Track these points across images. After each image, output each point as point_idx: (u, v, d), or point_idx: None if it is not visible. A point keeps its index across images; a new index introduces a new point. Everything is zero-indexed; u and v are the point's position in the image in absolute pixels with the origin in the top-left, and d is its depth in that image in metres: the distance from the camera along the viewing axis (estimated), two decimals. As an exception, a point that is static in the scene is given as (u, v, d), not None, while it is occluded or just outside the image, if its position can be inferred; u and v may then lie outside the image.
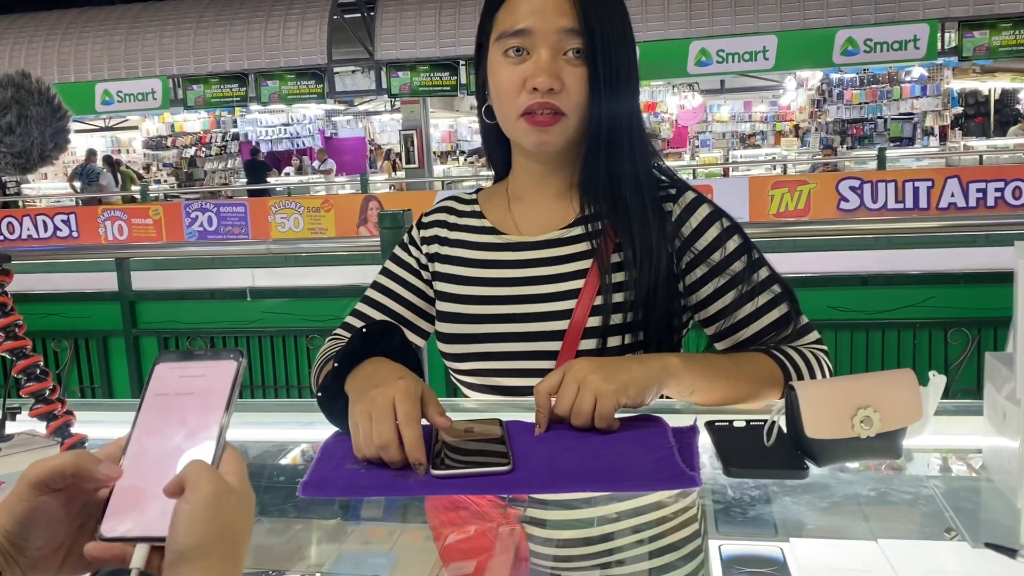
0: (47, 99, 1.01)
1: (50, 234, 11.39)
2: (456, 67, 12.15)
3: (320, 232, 10.75)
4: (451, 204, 1.35)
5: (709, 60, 11.21)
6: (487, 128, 1.27)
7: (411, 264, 1.32)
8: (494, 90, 1.20)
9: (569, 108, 1.15)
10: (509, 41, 1.15)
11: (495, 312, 1.22)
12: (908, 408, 0.90)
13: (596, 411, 0.99)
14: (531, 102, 1.14)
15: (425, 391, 0.98)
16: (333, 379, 1.08)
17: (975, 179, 9.26)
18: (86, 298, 4.04)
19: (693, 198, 1.22)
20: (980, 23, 10.63)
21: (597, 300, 1.16)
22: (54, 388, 1.11)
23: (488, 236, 1.27)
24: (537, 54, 1.14)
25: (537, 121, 1.15)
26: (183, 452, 0.62)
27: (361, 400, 0.97)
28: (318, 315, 3.70)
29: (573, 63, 1.14)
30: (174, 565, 0.55)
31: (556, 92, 1.13)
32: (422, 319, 1.32)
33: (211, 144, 18.13)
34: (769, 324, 1.19)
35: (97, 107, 13.08)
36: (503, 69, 1.16)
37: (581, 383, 1.00)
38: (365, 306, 1.32)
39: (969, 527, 0.84)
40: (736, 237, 1.20)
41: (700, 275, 1.20)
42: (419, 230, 1.34)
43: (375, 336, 1.14)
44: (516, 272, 1.22)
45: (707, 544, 0.82)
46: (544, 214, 1.25)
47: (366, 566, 0.88)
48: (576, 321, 1.16)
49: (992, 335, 3.15)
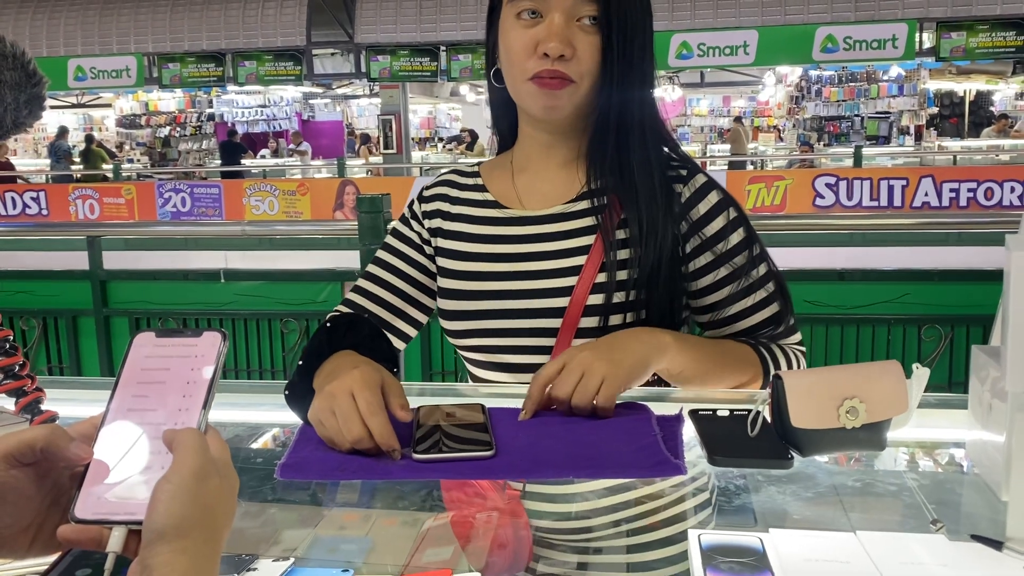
0: (22, 64, 0.98)
1: (19, 211, 11.19)
2: (437, 52, 12.09)
3: (295, 215, 10.66)
4: (453, 178, 1.32)
5: (690, 53, 11.25)
6: (495, 92, 1.25)
7: (412, 239, 1.30)
8: (504, 53, 1.17)
9: (579, 75, 1.12)
10: (523, 3, 1.12)
11: (496, 288, 1.20)
12: (894, 399, 0.90)
13: (600, 394, 0.99)
14: (541, 68, 1.12)
15: (387, 379, 0.97)
16: (300, 376, 1.06)
17: (949, 179, 9.36)
18: (56, 276, 3.98)
19: (704, 182, 1.20)
20: (958, 24, 10.75)
21: (599, 277, 1.15)
22: (24, 364, 1.08)
23: (490, 210, 1.25)
24: (550, 18, 1.11)
25: (545, 84, 1.12)
26: (161, 430, 0.60)
27: (319, 396, 0.96)
28: (292, 298, 3.67)
29: (586, 30, 1.12)
30: (151, 544, 0.53)
31: (567, 59, 1.11)
32: (424, 294, 1.29)
33: (186, 124, 17.90)
34: (761, 321, 1.19)
35: (69, 83, 12.88)
36: (515, 32, 1.14)
37: (586, 369, 0.99)
38: (367, 282, 1.29)
39: (951, 520, 0.84)
40: (742, 230, 1.19)
41: (703, 263, 1.18)
42: (420, 204, 1.31)
43: (342, 329, 1.13)
44: (518, 248, 1.21)
45: (687, 533, 0.81)
46: (549, 185, 1.23)
47: (341, 551, 0.87)
48: (577, 298, 1.15)
49: (965, 332, 3.20)
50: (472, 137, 16.17)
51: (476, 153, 15.33)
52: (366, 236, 2.76)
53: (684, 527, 0.85)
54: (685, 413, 1.02)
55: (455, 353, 1.32)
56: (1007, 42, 10.79)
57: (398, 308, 1.28)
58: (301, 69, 12.51)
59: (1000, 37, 10.79)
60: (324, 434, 0.94)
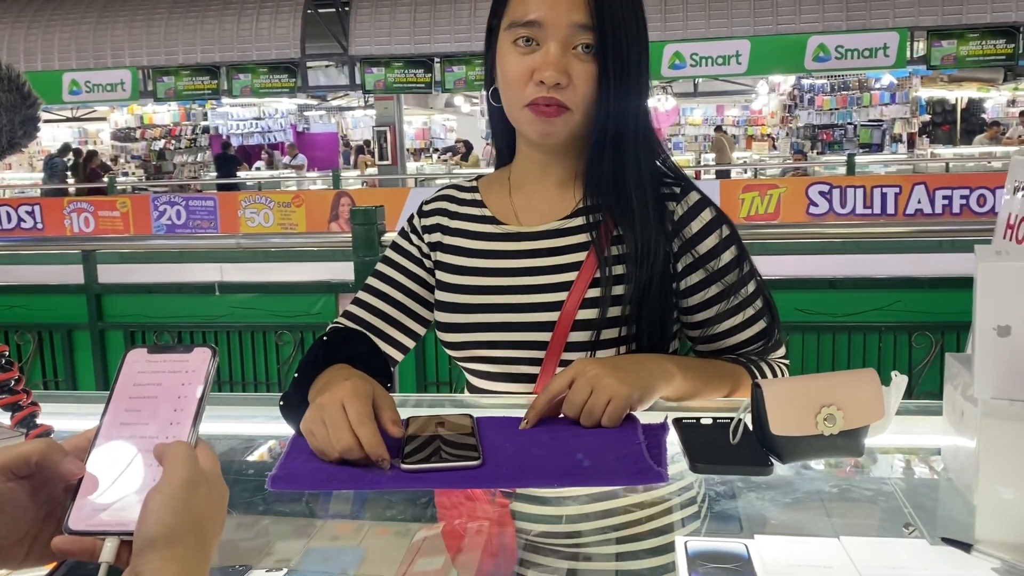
0: (16, 86, 1.00)
1: (14, 225, 11.18)
2: (431, 64, 12.11)
3: (290, 227, 10.66)
4: (451, 192, 1.33)
5: (683, 63, 11.28)
6: (494, 111, 1.26)
7: (413, 253, 1.31)
8: (501, 78, 1.18)
9: (575, 103, 1.14)
10: (519, 31, 1.13)
11: (488, 302, 1.22)
12: (870, 407, 0.91)
13: (606, 414, 1.01)
14: (537, 95, 1.13)
15: (378, 392, 0.98)
16: (295, 389, 1.08)
17: (941, 186, 9.40)
18: (51, 290, 3.98)
19: (697, 200, 1.22)
20: (948, 33, 10.80)
21: (589, 292, 1.16)
22: (19, 378, 1.09)
23: (487, 225, 1.27)
24: (546, 47, 1.12)
25: (541, 111, 1.14)
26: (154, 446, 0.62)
27: (311, 407, 0.97)
28: (287, 311, 3.67)
29: (582, 58, 1.13)
30: (142, 553, 0.55)
31: (563, 87, 1.12)
32: (423, 307, 1.31)
33: (180, 137, 17.91)
34: (750, 337, 1.22)
35: (64, 97, 12.86)
36: (511, 57, 1.15)
37: (595, 385, 1.01)
38: (366, 294, 1.31)
39: (927, 523, 0.86)
40: (733, 248, 1.21)
41: (695, 281, 1.20)
42: (420, 218, 1.33)
43: (337, 343, 1.14)
44: (512, 263, 1.22)
45: (673, 540, 0.83)
46: (545, 203, 1.24)
47: (334, 562, 0.88)
48: (566, 313, 1.16)
49: (956, 339, 3.21)
50: (467, 148, 16.20)
51: (471, 164, 15.35)
52: (360, 248, 2.77)
53: (670, 534, 0.87)
54: (670, 422, 1.04)
55: (450, 364, 1.34)
56: (997, 50, 10.84)
57: (397, 320, 1.29)
58: (295, 81, 12.51)
59: (990, 45, 10.84)
60: (315, 445, 0.95)
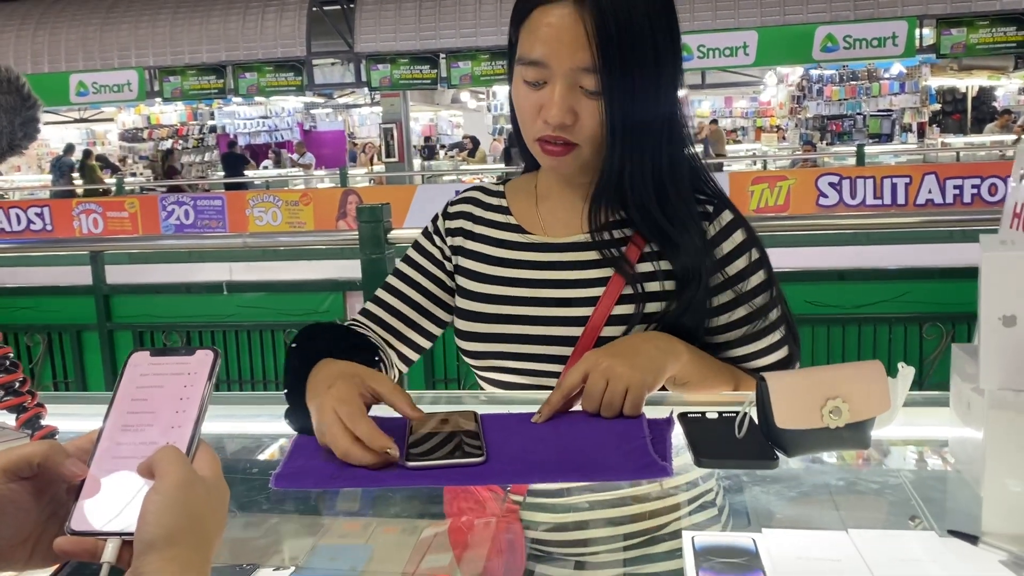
0: (16, 88, 1.00)
1: (23, 227, 11.24)
2: (436, 60, 12.13)
3: (298, 226, 10.69)
4: (477, 196, 1.32)
5: (690, 55, 11.26)
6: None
7: (434, 254, 1.30)
8: (515, 105, 1.17)
9: (583, 139, 1.12)
10: (528, 70, 1.11)
11: (512, 313, 1.20)
12: (876, 398, 0.91)
13: (627, 403, 1.00)
14: (544, 133, 1.12)
15: (367, 376, 0.98)
16: (289, 401, 1.06)
17: (952, 176, 9.34)
18: (60, 292, 4.00)
19: (730, 220, 1.19)
20: (957, 21, 10.75)
21: (617, 309, 1.15)
22: (24, 380, 1.10)
23: (512, 234, 1.25)
24: (552, 86, 1.10)
25: (548, 150, 1.13)
26: (155, 447, 0.62)
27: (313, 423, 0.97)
28: (295, 309, 3.68)
29: (589, 95, 1.10)
30: (142, 554, 0.55)
31: (569, 125, 1.10)
32: (441, 309, 1.30)
33: (188, 136, 17.97)
34: (770, 364, 1.20)
35: (72, 98, 12.95)
36: (522, 90, 1.13)
37: (610, 376, 1.00)
38: (386, 293, 1.30)
39: (936, 516, 0.85)
40: (761, 272, 1.19)
41: (723, 301, 1.18)
42: (444, 220, 1.31)
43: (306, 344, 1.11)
44: (537, 274, 1.21)
45: (680, 534, 0.83)
46: (572, 214, 1.22)
47: (342, 559, 0.88)
48: (591, 328, 1.15)
49: (966, 330, 3.20)
50: (474, 143, 16.20)
51: (478, 159, 15.35)
52: (366, 245, 2.77)
53: (678, 528, 0.86)
54: (675, 416, 1.03)
55: (458, 360, 1.34)
56: (1007, 37, 10.79)
57: (413, 321, 1.28)
58: (302, 79, 12.56)
59: (1000, 32, 10.79)
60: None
